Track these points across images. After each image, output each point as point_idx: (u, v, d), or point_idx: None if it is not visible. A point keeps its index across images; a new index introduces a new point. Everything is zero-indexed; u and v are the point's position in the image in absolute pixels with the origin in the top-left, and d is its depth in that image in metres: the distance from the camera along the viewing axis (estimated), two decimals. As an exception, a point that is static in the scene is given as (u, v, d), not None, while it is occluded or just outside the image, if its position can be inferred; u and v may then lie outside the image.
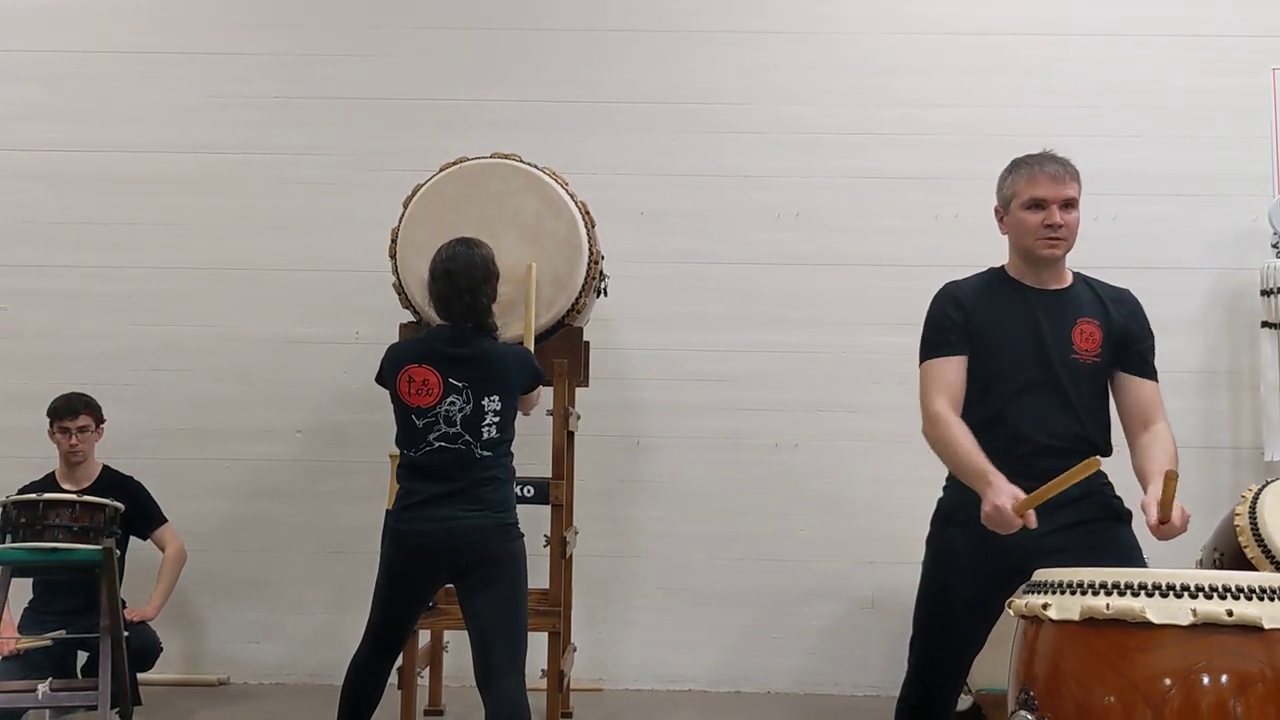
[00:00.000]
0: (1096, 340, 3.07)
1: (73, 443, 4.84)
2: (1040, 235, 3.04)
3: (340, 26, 5.81)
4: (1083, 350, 3.06)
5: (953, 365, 3.09)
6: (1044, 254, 3.05)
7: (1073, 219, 3.06)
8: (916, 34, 5.70)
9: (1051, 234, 3.03)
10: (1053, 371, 3.03)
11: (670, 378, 5.59)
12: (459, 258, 3.59)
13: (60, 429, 4.85)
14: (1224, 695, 2.11)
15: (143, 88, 5.77)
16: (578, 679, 5.23)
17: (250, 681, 5.51)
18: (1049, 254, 3.06)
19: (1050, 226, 3.03)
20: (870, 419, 5.47)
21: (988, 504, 2.82)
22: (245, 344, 5.66)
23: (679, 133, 5.70)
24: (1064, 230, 3.04)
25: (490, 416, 3.51)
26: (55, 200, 5.73)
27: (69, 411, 4.85)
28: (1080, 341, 3.06)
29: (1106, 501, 3.06)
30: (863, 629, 5.48)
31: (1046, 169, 3.05)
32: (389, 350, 3.66)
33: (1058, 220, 3.03)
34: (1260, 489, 3.88)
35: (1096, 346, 3.07)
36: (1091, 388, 3.08)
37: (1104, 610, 2.18)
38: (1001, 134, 5.35)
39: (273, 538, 5.59)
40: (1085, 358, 3.06)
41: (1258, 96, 5.59)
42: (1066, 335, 3.06)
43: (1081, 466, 2.71)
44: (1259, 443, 5.40)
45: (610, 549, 5.51)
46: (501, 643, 3.41)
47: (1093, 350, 3.06)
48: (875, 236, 5.58)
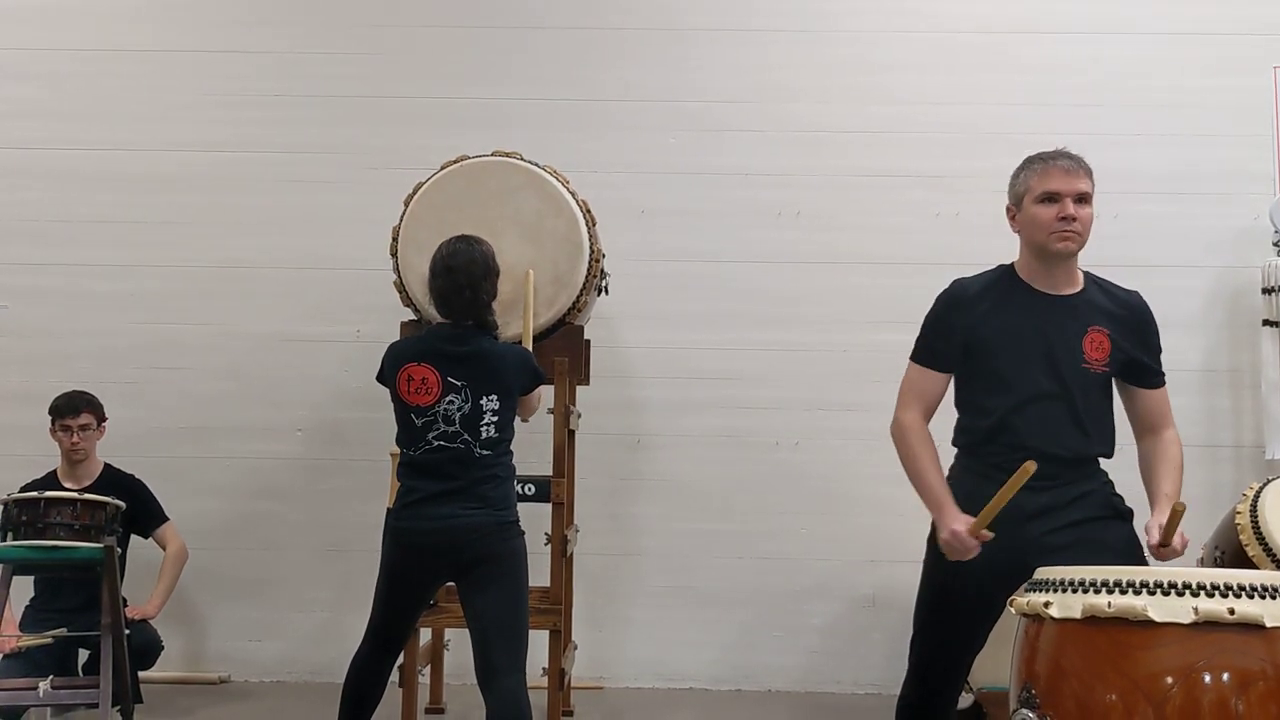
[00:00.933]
0: (1106, 350, 3.05)
1: (74, 441, 4.83)
2: (1054, 229, 3.00)
3: (341, 25, 5.81)
4: (1093, 360, 3.04)
5: (935, 379, 3.13)
6: (1057, 248, 3.02)
7: (1086, 214, 3.03)
8: (916, 32, 5.70)
9: (1065, 227, 2.99)
10: (1062, 382, 3.01)
11: (671, 376, 5.59)
12: (459, 254, 3.59)
13: (62, 427, 4.85)
14: (1225, 693, 2.11)
15: (143, 86, 5.76)
16: (578, 677, 5.24)
17: (251, 680, 5.52)
18: (1062, 248, 3.02)
19: (1064, 220, 2.99)
20: (870, 417, 5.40)
21: (944, 531, 2.90)
22: (246, 342, 5.66)
23: (679, 131, 5.70)
24: (1077, 224, 3.00)
25: (489, 416, 3.50)
26: (56, 198, 5.73)
27: (71, 410, 4.85)
28: (1091, 351, 3.04)
29: (1107, 499, 3.06)
30: (863, 627, 5.48)
31: (1060, 163, 3.04)
32: (389, 348, 3.66)
33: (1071, 213, 2.99)
34: (1261, 487, 3.88)
35: (1105, 356, 3.05)
36: (1099, 395, 3.08)
37: (1106, 608, 2.19)
38: (1002, 132, 5.38)
39: (273, 536, 5.59)
40: (1095, 367, 3.04)
41: (1259, 95, 5.58)
42: (1077, 344, 3.03)
43: (1019, 474, 2.73)
44: (1260, 441, 5.41)
45: (611, 547, 5.51)
46: (502, 641, 3.41)
47: (1102, 360, 3.05)
48: (876, 235, 5.58)
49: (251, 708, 5.08)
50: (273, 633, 5.56)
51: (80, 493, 4.38)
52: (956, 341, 3.09)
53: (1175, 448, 3.08)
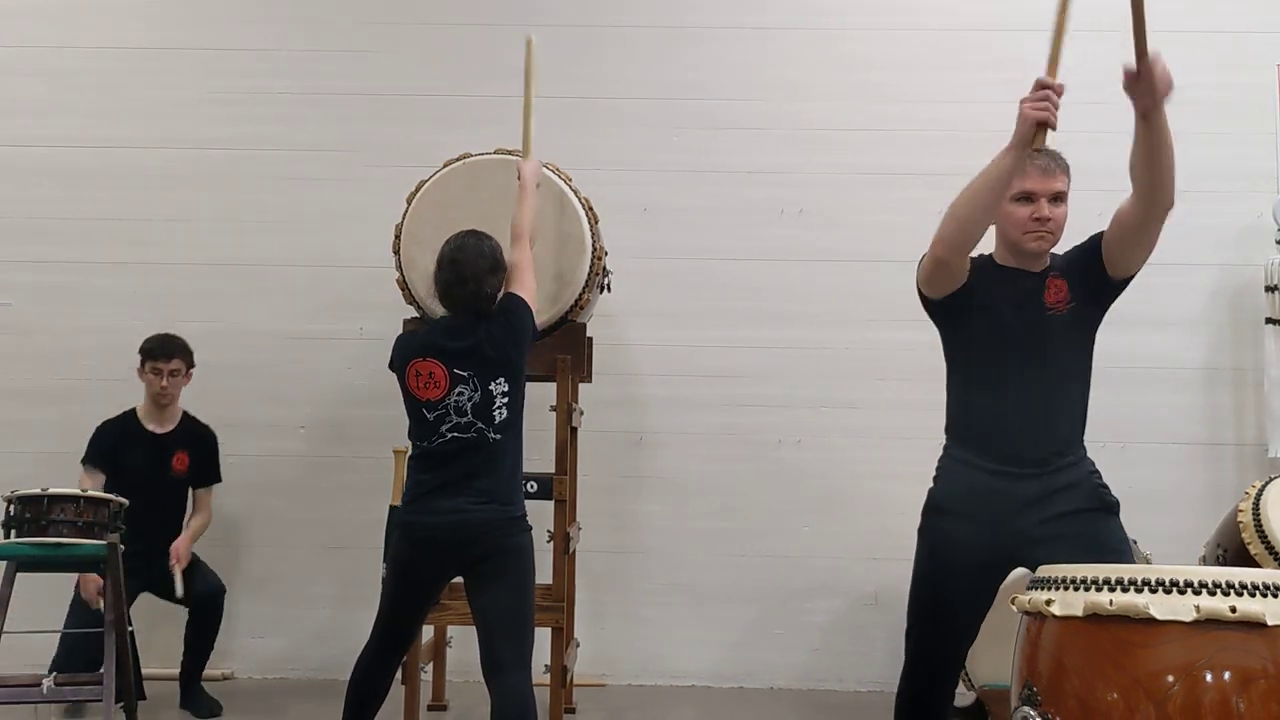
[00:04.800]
0: (1064, 289, 3.07)
1: (163, 384, 4.89)
2: (1028, 229, 3.05)
3: (344, 22, 5.81)
4: (1055, 304, 3.06)
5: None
6: (1031, 247, 3.06)
7: (1060, 213, 3.07)
8: (920, 29, 5.70)
9: (1039, 228, 3.04)
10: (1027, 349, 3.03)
11: (673, 373, 5.60)
12: (467, 247, 3.59)
13: (153, 369, 4.90)
14: (1227, 692, 2.11)
15: (147, 84, 5.77)
16: (581, 674, 5.24)
17: (255, 676, 5.53)
18: (1035, 247, 3.07)
19: (1039, 220, 3.04)
20: (873, 415, 5.48)
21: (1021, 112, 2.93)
22: (249, 339, 5.67)
23: (681, 128, 5.70)
24: (1051, 224, 3.05)
25: (500, 399, 3.51)
26: (60, 196, 5.73)
27: (164, 353, 4.91)
28: (1050, 298, 3.07)
29: (1095, 491, 3.08)
30: (865, 625, 5.48)
31: (1036, 162, 3.06)
32: (397, 340, 3.68)
33: (1046, 214, 3.04)
34: (1264, 485, 3.89)
35: (1065, 294, 3.07)
36: (1074, 345, 3.08)
37: (1107, 606, 2.19)
38: (1005, 129, 5.27)
39: (277, 533, 5.60)
40: (1059, 309, 3.06)
41: (1261, 92, 5.57)
42: (1039, 299, 3.07)
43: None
44: (1263, 439, 5.39)
45: (613, 545, 5.51)
46: (508, 636, 3.41)
47: (1063, 299, 3.07)
48: (878, 233, 5.57)
49: (255, 704, 5.08)
50: (276, 629, 5.57)
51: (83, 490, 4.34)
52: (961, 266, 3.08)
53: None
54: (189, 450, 5.01)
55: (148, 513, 4.62)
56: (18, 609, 4.12)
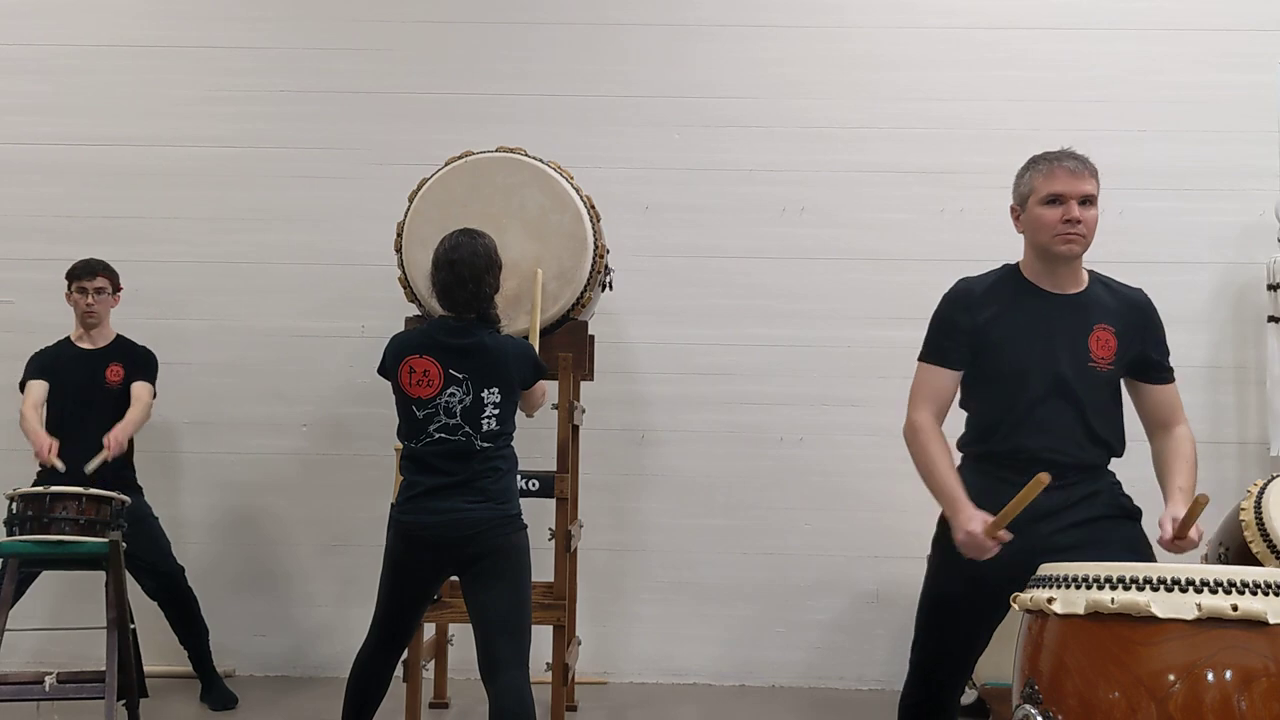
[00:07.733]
0: (1112, 348, 3.02)
1: (89, 302, 4.93)
2: (1058, 231, 2.97)
3: (345, 20, 5.80)
4: (1099, 358, 3.01)
5: (946, 376, 3.08)
6: (1060, 250, 2.99)
7: (1091, 216, 2.99)
8: (922, 27, 5.69)
9: (1069, 230, 2.96)
10: (1069, 383, 2.98)
11: (675, 371, 5.60)
12: (462, 247, 3.59)
13: (78, 289, 4.96)
14: (1228, 690, 2.11)
15: (147, 82, 5.77)
16: (582, 672, 5.24)
17: (255, 674, 5.53)
18: (1066, 250, 2.99)
19: (1068, 222, 2.95)
20: (875, 413, 5.46)
21: (959, 531, 2.86)
22: (250, 337, 5.67)
23: (683, 127, 5.69)
24: (1082, 226, 2.97)
25: (490, 409, 3.50)
26: (60, 194, 5.73)
27: (87, 272, 4.96)
28: (1096, 349, 3.01)
29: (1115, 499, 3.04)
30: (867, 623, 5.48)
31: (1065, 164, 2.99)
32: (391, 340, 3.66)
33: (1076, 215, 2.95)
34: (1266, 484, 3.88)
35: (1111, 354, 3.02)
36: (1107, 394, 3.05)
37: (1109, 604, 2.19)
38: (1008, 128, 5.38)
39: (278, 531, 5.60)
40: (1101, 366, 3.01)
41: (1264, 91, 5.56)
42: (1083, 343, 3.01)
43: (1032, 485, 2.70)
44: (1265, 438, 5.39)
45: (615, 543, 5.52)
46: (505, 635, 3.41)
47: (1108, 358, 3.02)
48: (880, 231, 5.58)
49: (255, 702, 5.08)
50: (277, 627, 5.57)
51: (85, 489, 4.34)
52: (964, 340, 3.06)
53: (1188, 444, 3.06)
54: (122, 362, 5.00)
55: (84, 422, 4.74)
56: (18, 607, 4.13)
